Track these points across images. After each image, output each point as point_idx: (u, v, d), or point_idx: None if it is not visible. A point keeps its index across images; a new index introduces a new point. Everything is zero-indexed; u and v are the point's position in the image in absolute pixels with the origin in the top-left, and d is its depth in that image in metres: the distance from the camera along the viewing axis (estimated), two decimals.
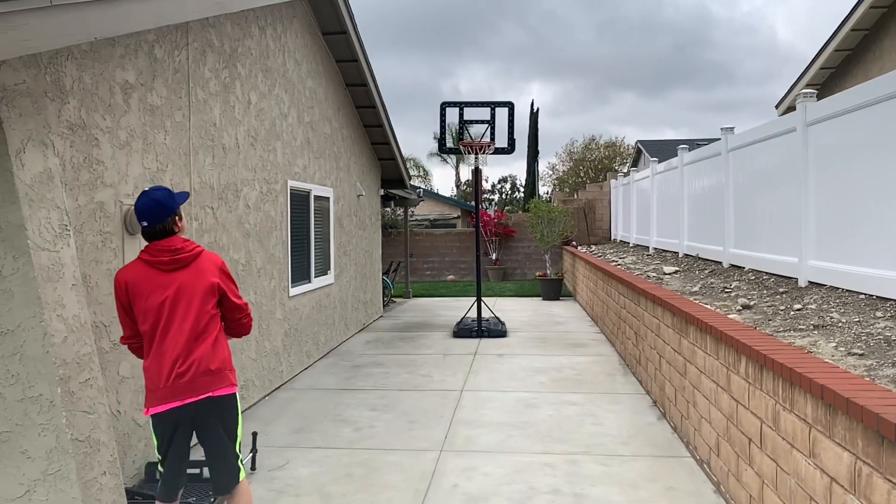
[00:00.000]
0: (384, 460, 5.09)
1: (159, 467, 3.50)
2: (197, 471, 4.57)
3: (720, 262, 7.84)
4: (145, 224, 3.37)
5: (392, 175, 13.22)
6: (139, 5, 4.09)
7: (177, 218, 3.44)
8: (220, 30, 6.02)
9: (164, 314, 3.32)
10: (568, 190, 31.83)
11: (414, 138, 73.22)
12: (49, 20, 3.28)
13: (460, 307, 13.28)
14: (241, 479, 3.54)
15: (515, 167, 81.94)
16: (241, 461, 3.57)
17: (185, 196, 3.56)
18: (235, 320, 3.57)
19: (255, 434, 5.12)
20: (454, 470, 4.87)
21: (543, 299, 15.18)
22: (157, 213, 3.36)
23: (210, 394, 3.35)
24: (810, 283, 5.47)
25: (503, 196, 49.26)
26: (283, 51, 7.71)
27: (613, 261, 11.44)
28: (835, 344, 3.72)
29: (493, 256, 19.60)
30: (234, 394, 3.47)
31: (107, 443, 3.55)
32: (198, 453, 5.33)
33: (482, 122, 10.97)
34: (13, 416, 3.28)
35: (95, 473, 3.42)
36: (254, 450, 4.98)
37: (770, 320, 4.60)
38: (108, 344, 4.30)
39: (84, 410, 3.43)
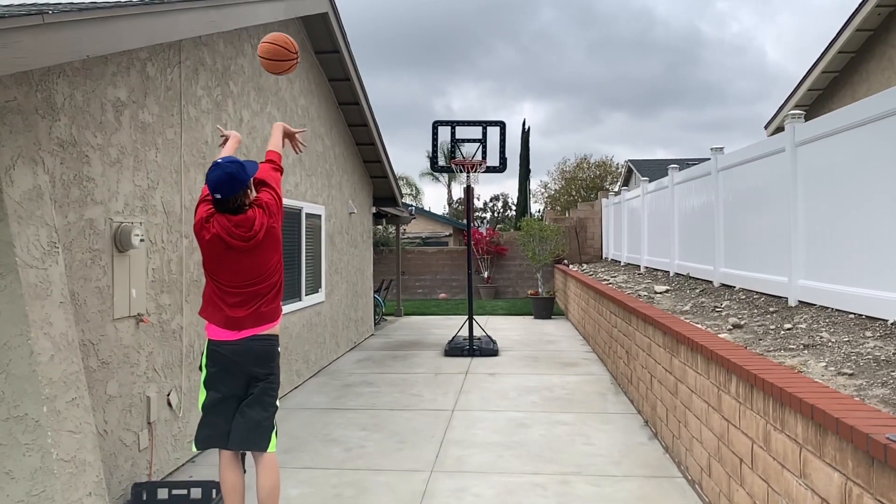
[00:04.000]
0: (374, 481, 5.04)
1: (202, 409, 3.73)
2: (184, 491, 4.51)
3: (711, 282, 7.87)
4: (219, 196, 3.50)
5: (384, 193, 13.24)
6: (131, 24, 4.11)
7: (248, 189, 3.58)
8: (212, 48, 6.05)
9: (235, 280, 3.61)
10: (559, 208, 31.98)
11: (406, 156, 73.64)
12: (41, 38, 3.29)
13: (452, 325, 13.25)
14: (271, 450, 3.73)
15: (507, 185, 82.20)
16: (275, 432, 3.80)
17: (255, 167, 3.68)
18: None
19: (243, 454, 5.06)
20: (445, 491, 4.83)
21: (535, 318, 15.17)
22: (231, 185, 3.49)
23: (262, 328, 3.73)
24: (800, 302, 5.50)
25: (495, 214, 49.39)
26: None
27: (605, 279, 11.46)
28: (825, 364, 3.73)
29: (485, 275, 19.61)
30: (277, 336, 3.87)
31: (93, 463, 3.50)
32: (198, 472, 5.26)
33: (474, 140, 11.02)
34: None
35: (81, 494, 3.37)
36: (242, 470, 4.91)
37: (760, 340, 4.61)
38: (96, 362, 4.26)
39: (70, 430, 3.39)
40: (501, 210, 49.74)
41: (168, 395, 5.16)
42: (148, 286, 4.91)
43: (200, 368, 3.75)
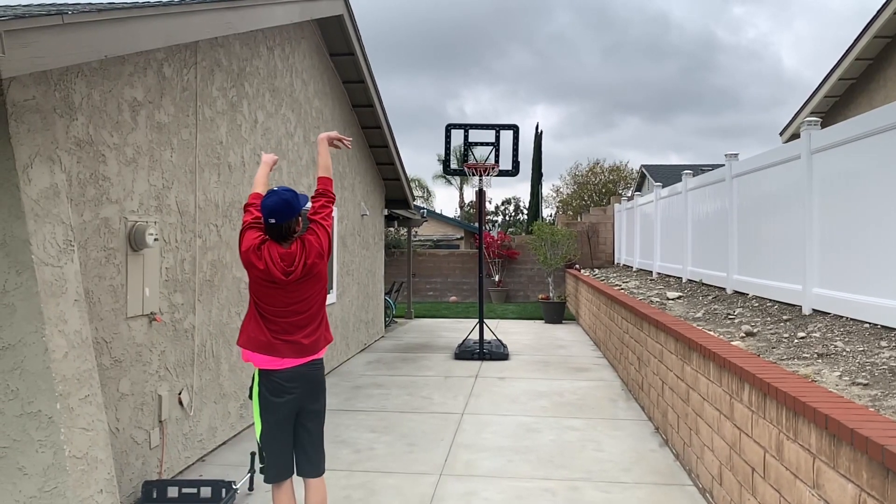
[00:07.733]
0: (383, 483, 5.04)
1: (260, 446, 3.68)
2: (194, 490, 4.54)
3: (724, 289, 7.82)
4: (273, 221, 3.56)
5: (396, 195, 13.27)
6: (149, 25, 4.14)
7: (299, 217, 3.67)
8: (228, 49, 6.08)
9: (280, 309, 3.58)
10: (572, 213, 31.88)
11: (418, 159, 73.65)
12: (60, 38, 3.32)
13: (462, 329, 13.24)
14: (323, 474, 3.81)
15: (519, 189, 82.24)
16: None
17: (306, 199, 3.76)
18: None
19: (253, 454, 5.07)
20: (453, 494, 4.82)
21: (546, 322, 15.13)
22: (286, 211, 3.57)
23: (313, 356, 3.67)
24: (814, 311, 5.45)
25: (507, 218, 49.33)
26: (290, 71, 7.78)
27: (617, 285, 11.42)
28: (839, 373, 3.69)
29: (496, 278, 19.58)
30: (322, 360, 3.79)
31: (104, 460, 3.53)
32: (209, 471, 5.28)
33: (487, 144, 11.02)
34: (11, 431, 3.27)
35: (92, 491, 3.40)
36: (252, 470, 4.94)
37: (774, 348, 4.57)
38: (109, 360, 4.29)
39: (83, 427, 3.41)
40: (513, 214, 49.69)
41: (179, 394, 5.19)
42: (161, 285, 4.94)
43: (251, 397, 3.72)
